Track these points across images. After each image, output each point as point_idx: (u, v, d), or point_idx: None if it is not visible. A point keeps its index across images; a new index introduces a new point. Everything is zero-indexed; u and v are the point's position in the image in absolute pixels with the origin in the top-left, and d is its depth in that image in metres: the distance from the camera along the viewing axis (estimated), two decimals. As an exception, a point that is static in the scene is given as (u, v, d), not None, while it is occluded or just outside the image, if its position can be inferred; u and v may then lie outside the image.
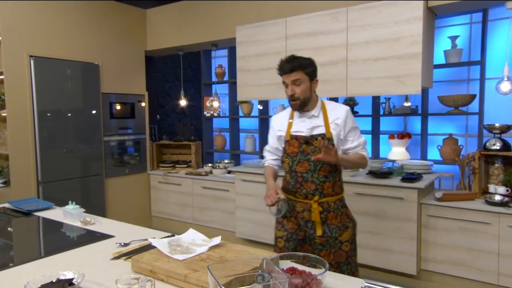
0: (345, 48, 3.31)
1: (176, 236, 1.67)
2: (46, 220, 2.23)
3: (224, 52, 5.51)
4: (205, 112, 5.47)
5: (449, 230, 2.98)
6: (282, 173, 2.21)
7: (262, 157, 4.88)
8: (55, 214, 2.35)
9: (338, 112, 2.08)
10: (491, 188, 3.03)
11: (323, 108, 2.11)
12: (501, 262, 2.79)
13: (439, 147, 3.90)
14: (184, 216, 4.62)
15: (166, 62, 5.95)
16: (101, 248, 1.73)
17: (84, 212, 2.20)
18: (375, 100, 4.30)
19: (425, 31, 3.02)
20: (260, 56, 3.81)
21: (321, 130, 2.06)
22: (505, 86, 2.91)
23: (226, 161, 4.74)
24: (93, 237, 1.89)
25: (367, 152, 2.14)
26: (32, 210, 2.39)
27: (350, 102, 4.36)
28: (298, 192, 2.06)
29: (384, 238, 3.18)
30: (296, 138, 2.09)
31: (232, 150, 5.24)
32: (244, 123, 5.50)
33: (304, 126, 2.08)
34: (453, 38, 3.79)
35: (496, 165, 3.12)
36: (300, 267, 1.35)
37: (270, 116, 4.84)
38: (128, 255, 1.62)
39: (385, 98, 4.20)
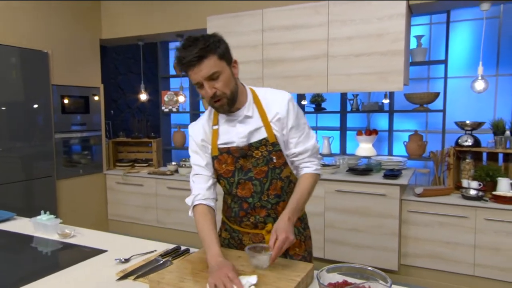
0: (326, 42, 3.24)
1: None
2: (11, 235, 1.88)
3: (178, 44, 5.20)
4: (163, 107, 5.15)
5: (428, 225, 3.04)
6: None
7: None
8: (19, 226, 2.00)
9: (278, 103, 1.46)
10: (464, 183, 3.15)
11: (256, 101, 1.49)
12: (477, 254, 2.91)
13: (405, 143, 4.00)
14: (147, 219, 4.30)
15: (119, 53, 5.51)
16: (98, 267, 1.47)
17: (61, 223, 1.89)
18: (343, 96, 4.31)
19: (406, 28, 3.04)
20: (234, 49, 3.55)
21: (262, 134, 1.46)
22: (479, 85, 3.02)
23: (191, 159, 4.47)
24: (81, 253, 1.60)
25: (317, 161, 1.53)
26: (-12, 223, 2.01)
27: (318, 98, 4.34)
28: (244, 222, 1.53)
29: (366, 235, 3.17)
30: (228, 152, 1.49)
31: (194, 147, 4.97)
32: (205, 119, 5.26)
33: (236, 133, 1.47)
34: (419, 38, 3.90)
35: (467, 160, 3.25)
36: (348, 279, 1.22)
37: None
38: (135, 273, 1.38)
39: (353, 95, 4.23)
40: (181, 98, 4.46)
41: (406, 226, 3.11)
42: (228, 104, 1.41)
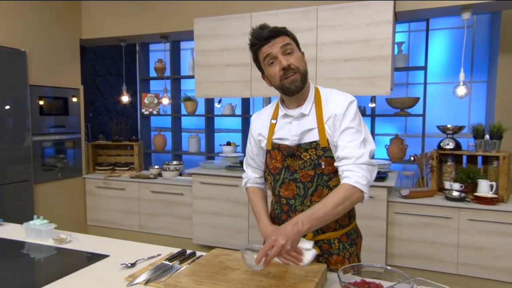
0: (314, 47, 3.28)
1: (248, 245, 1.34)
2: (0, 241, 1.78)
3: (161, 46, 5.11)
4: (143, 110, 5.04)
5: (413, 226, 3.12)
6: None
7: (209, 157, 4.64)
8: (7, 232, 1.91)
9: (336, 104, 1.39)
10: (447, 184, 3.26)
11: (317, 100, 1.43)
12: (460, 253, 3.01)
13: (386, 146, 4.10)
14: (128, 224, 4.19)
15: (98, 54, 5.36)
16: (103, 272, 1.41)
17: (55, 228, 1.81)
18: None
19: (392, 34, 3.13)
20: (223, 51, 3.60)
21: (313, 136, 1.41)
22: (461, 90, 3.15)
23: (175, 162, 4.41)
24: (82, 258, 1.54)
25: (363, 174, 1.29)
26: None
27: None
28: None
29: (353, 237, 3.22)
30: (278, 148, 1.47)
31: (175, 150, 4.91)
32: (185, 122, 5.20)
33: (289, 130, 1.45)
34: (399, 44, 4.02)
35: (449, 163, 3.36)
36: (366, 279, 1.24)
37: (216, 115, 4.63)
38: (145, 278, 1.34)
39: (336, 99, 4.30)
40: (165, 100, 4.38)
41: (392, 227, 3.18)
42: (301, 80, 1.39)
